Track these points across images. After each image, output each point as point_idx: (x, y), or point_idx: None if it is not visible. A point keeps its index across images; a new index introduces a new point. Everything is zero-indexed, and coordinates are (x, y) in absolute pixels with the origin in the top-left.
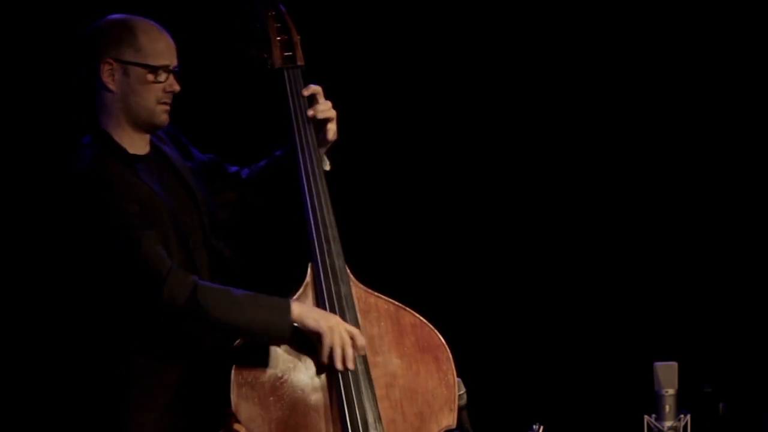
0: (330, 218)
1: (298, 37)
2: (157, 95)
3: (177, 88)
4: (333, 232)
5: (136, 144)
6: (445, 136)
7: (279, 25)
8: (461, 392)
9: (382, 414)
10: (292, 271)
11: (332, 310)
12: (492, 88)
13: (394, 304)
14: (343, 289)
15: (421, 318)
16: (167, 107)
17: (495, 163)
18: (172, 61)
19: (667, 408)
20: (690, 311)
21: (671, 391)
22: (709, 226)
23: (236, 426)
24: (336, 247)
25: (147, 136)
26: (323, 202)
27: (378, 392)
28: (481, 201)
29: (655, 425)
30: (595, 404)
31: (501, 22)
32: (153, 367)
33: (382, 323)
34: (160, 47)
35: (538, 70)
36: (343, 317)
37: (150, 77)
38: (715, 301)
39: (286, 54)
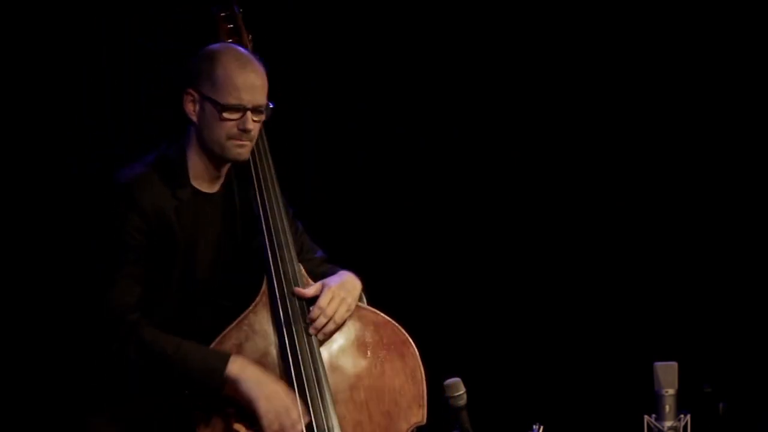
0: (283, 225)
1: (250, 37)
2: (228, 132)
3: (249, 127)
4: (285, 238)
5: (208, 178)
6: (437, 148)
7: (231, 26)
8: (461, 392)
9: (347, 417)
10: None
11: (285, 319)
12: (484, 102)
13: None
14: (297, 298)
15: (385, 316)
16: (241, 143)
17: (491, 168)
18: (249, 100)
19: (667, 408)
20: (690, 311)
21: (671, 391)
22: (709, 226)
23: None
24: (288, 253)
25: (223, 172)
26: (275, 208)
27: (341, 396)
28: (478, 204)
29: (655, 425)
30: (595, 404)
31: (493, 35)
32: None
33: (343, 325)
34: (235, 84)
35: (530, 83)
36: (297, 326)
37: (219, 114)
38: (715, 301)
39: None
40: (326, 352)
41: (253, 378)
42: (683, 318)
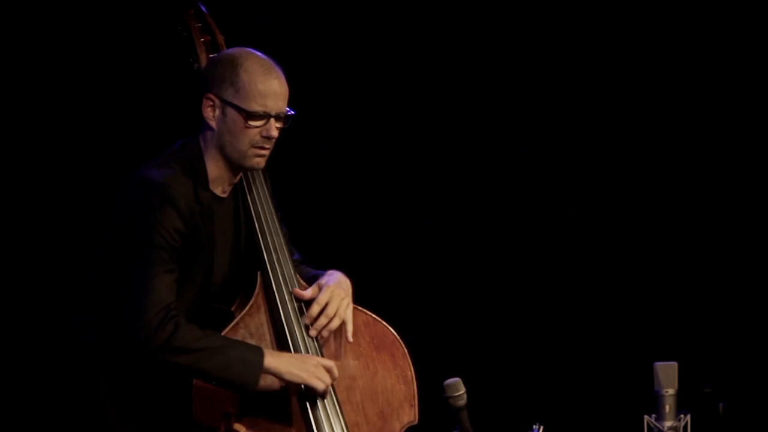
0: (275, 226)
1: (223, 37)
2: (251, 139)
3: (273, 134)
4: (279, 240)
5: (223, 184)
6: (437, 148)
7: (200, 24)
8: (461, 392)
9: (345, 418)
10: None
11: (287, 320)
12: (483, 102)
13: None
14: (295, 300)
15: (374, 316)
16: (262, 151)
17: (490, 168)
18: (273, 107)
19: (667, 408)
20: (690, 311)
21: (671, 391)
22: (709, 226)
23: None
24: (283, 255)
25: (236, 179)
26: (267, 210)
27: (339, 397)
28: (479, 202)
29: (655, 425)
30: (595, 404)
31: (492, 35)
32: (125, 376)
33: (339, 325)
34: (260, 91)
35: (529, 84)
36: (299, 327)
37: (243, 121)
38: (715, 301)
39: (212, 56)
40: (324, 354)
41: (290, 362)
42: (683, 318)
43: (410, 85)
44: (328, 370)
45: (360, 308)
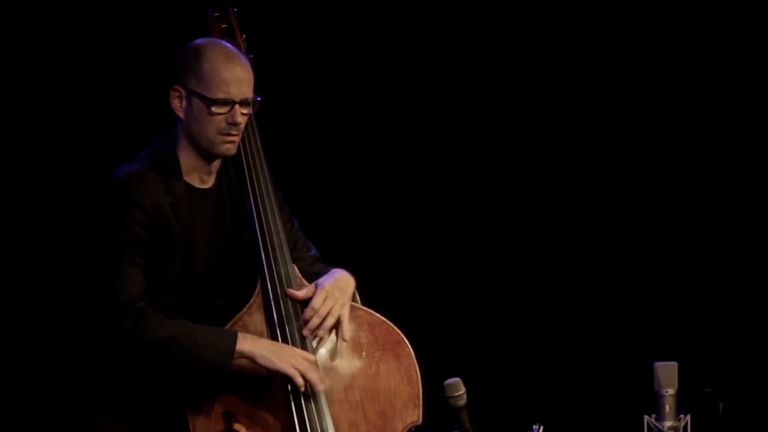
0: (276, 225)
1: (244, 37)
2: (217, 126)
3: (238, 120)
4: (278, 239)
5: (199, 173)
6: (437, 148)
7: (225, 26)
8: (461, 392)
9: (342, 417)
10: None
11: (279, 321)
12: (483, 102)
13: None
14: (290, 299)
15: (379, 316)
16: (229, 138)
17: (489, 168)
18: (237, 93)
19: (667, 408)
20: (690, 311)
21: (671, 391)
22: (709, 226)
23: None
24: (282, 255)
25: (213, 168)
26: (269, 209)
27: (336, 396)
28: (479, 202)
29: (655, 425)
30: (595, 404)
31: (491, 35)
32: (117, 375)
33: (338, 325)
34: (222, 78)
35: (529, 84)
36: (290, 327)
37: (207, 108)
38: (715, 301)
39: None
40: (320, 352)
41: (267, 347)
42: (683, 318)
43: (410, 85)
44: (309, 363)
45: (365, 308)
